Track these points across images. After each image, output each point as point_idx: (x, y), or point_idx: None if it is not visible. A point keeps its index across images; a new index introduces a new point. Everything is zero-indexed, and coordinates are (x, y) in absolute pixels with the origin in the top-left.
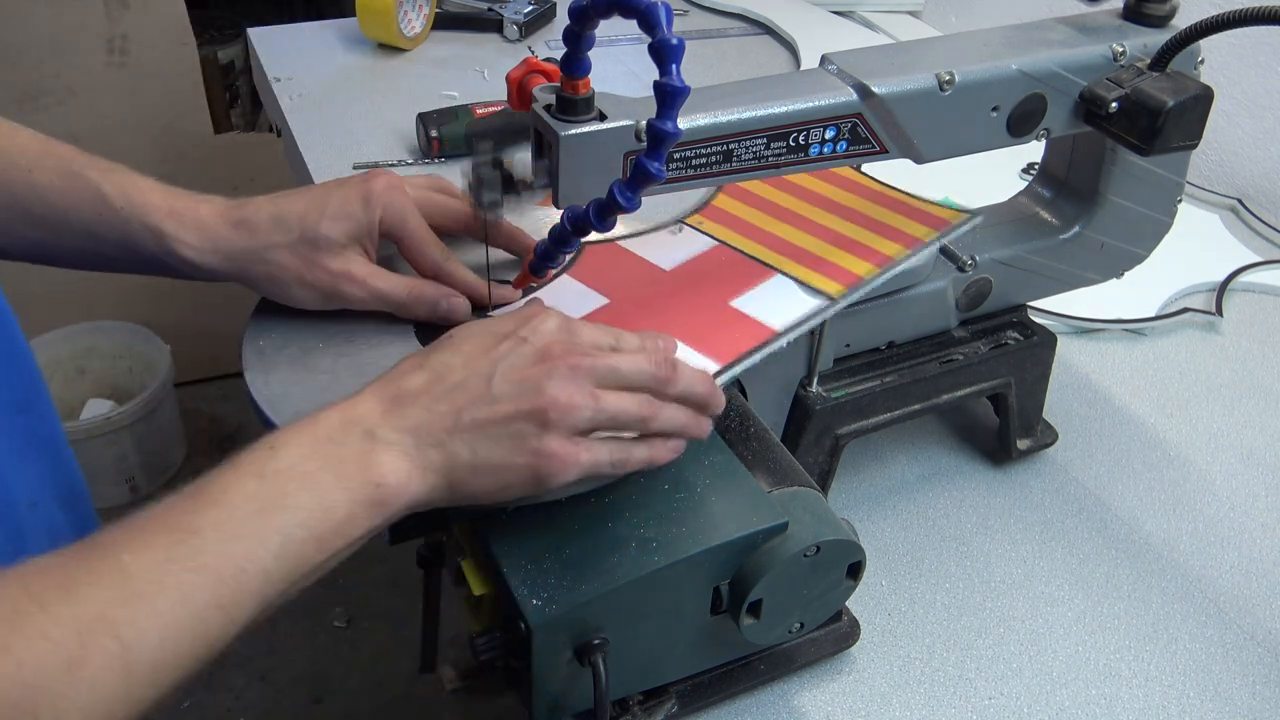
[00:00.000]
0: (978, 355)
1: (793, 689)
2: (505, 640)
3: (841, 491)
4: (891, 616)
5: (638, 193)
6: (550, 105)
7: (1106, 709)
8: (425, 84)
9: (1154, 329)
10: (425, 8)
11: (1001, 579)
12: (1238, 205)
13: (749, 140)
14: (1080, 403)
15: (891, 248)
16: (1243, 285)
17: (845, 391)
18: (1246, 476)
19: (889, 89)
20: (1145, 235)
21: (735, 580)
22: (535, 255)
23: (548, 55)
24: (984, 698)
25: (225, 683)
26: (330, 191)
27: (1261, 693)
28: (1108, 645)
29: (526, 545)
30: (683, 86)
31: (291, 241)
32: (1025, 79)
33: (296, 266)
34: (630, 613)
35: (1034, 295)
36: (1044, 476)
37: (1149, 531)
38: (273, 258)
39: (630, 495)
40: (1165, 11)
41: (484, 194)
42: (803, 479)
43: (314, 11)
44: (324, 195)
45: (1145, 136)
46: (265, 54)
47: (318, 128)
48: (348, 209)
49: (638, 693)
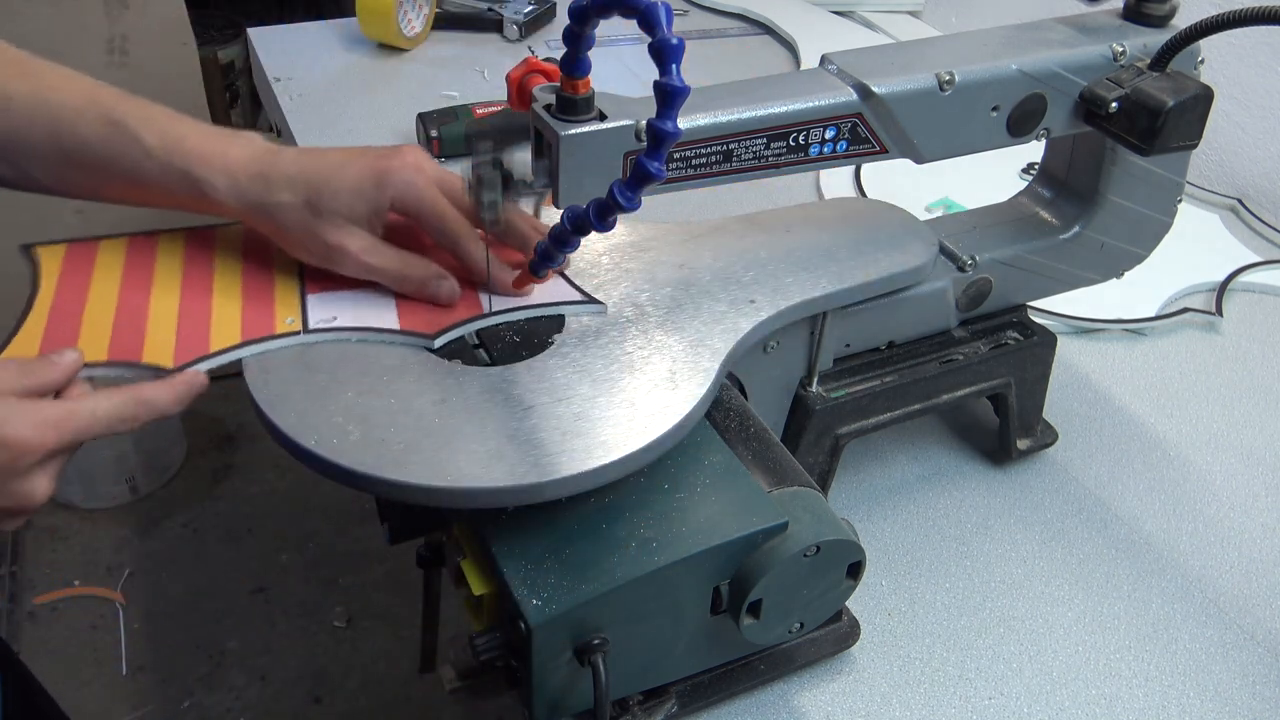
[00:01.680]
0: (978, 355)
1: (793, 689)
2: (505, 640)
3: (841, 491)
4: (891, 616)
5: (638, 193)
6: (550, 105)
7: (1106, 709)
8: (425, 84)
9: (1154, 329)
10: (425, 8)
11: (1001, 579)
12: (1238, 205)
13: (749, 140)
14: (1080, 403)
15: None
16: (1243, 285)
17: (845, 391)
18: (1246, 476)
19: (889, 89)
20: (1145, 235)
21: (735, 580)
22: (536, 255)
23: (548, 55)
24: (984, 698)
25: (225, 683)
26: (350, 162)
27: (1261, 693)
28: (1108, 645)
29: (526, 545)
30: (683, 86)
31: (298, 204)
32: (1025, 79)
33: (299, 228)
34: (630, 613)
35: (1034, 295)
36: (1044, 476)
37: (1149, 531)
38: (279, 215)
39: (630, 495)
40: (1165, 11)
41: (484, 194)
42: (803, 479)
43: (314, 11)
44: (343, 165)
45: (1145, 136)
46: (265, 54)
47: (318, 128)
48: (360, 186)
49: (638, 693)
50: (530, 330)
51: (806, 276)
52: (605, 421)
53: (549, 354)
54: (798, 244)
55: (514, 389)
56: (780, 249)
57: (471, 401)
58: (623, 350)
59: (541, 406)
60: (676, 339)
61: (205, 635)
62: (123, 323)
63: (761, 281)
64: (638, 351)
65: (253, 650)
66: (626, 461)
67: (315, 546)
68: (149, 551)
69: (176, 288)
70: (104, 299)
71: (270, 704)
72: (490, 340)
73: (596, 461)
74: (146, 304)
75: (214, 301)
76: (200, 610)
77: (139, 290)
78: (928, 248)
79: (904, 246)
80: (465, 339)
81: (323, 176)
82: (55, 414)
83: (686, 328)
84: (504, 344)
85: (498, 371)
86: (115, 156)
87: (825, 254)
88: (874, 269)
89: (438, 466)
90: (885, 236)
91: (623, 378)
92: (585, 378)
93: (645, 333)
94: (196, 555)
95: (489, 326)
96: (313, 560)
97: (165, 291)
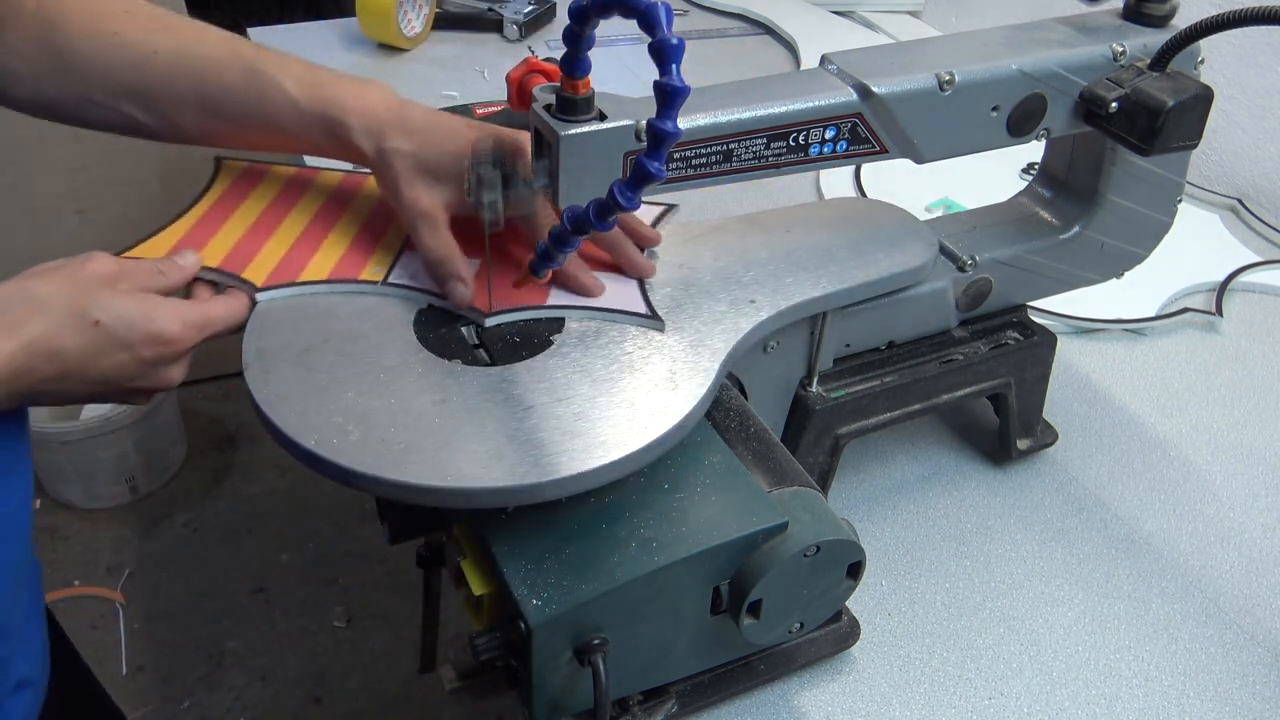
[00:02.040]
0: (978, 355)
1: (793, 689)
2: (505, 640)
3: (841, 491)
4: (891, 616)
5: (638, 192)
6: (550, 105)
7: (1106, 709)
8: (425, 84)
9: (1154, 329)
10: (425, 8)
11: (1001, 579)
12: (1238, 205)
13: (749, 140)
14: (1080, 403)
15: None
16: (1243, 285)
17: (845, 391)
18: (1246, 476)
19: (889, 89)
20: (1145, 235)
21: (735, 580)
22: (536, 255)
23: (548, 55)
24: (984, 698)
25: (225, 683)
26: (464, 130)
27: (1261, 693)
28: (1108, 645)
29: (526, 545)
30: (683, 86)
31: (409, 152)
32: (1025, 79)
33: (401, 174)
34: (630, 613)
35: (1034, 295)
36: (1044, 476)
37: (1149, 531)
38: (392, 160)
39: (630, 495)
40: (1165, 11)
41: (484, 194)
42: (803, 479)
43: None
44: (457, 130)
45: (1145, 136)
46: None
47: None
48: (463, 151)
49: (638, 693)
50: (530, 330)
51: (806, 276)
52: (605, 421)
53: (549, 354)
54: (798, 244)
55: (514, 389)
56: (780, 249)
57: (471, 401)
58: (623, 350)
59: (541, 406)
60: (676, 339)
61: (205, 635)
62: (245, 240)
63: (761, 281)
64: (638, 351)
65: (253, 650)
66: (626, 461)
67: (315, 546)
68: (149, 551)
69: (306, 220)
70: (246, 216)
71: (270, 704)
72: (490, 340)
73: (596, 461)
74: (274, 228)
75: (328, 239)
76: (200, 610)
77: (276, 214)
78: (928, 248)
79: (904, 246)
80: (466, 338)
81: (439, 133)
82: (195, 315)
83: (686, 328)
84: (504, 344)
85: (498, 371)
86: (258, 103)
87: (825, 254)
88: (874, 269)
89: (438, 466)
90: (885, 236)
91: (623, 378)
92: (585, 378)
93: (645, 333)
94: (196, 555)
95: (493, 327)
96: (313, 560)
97: (296, 220)
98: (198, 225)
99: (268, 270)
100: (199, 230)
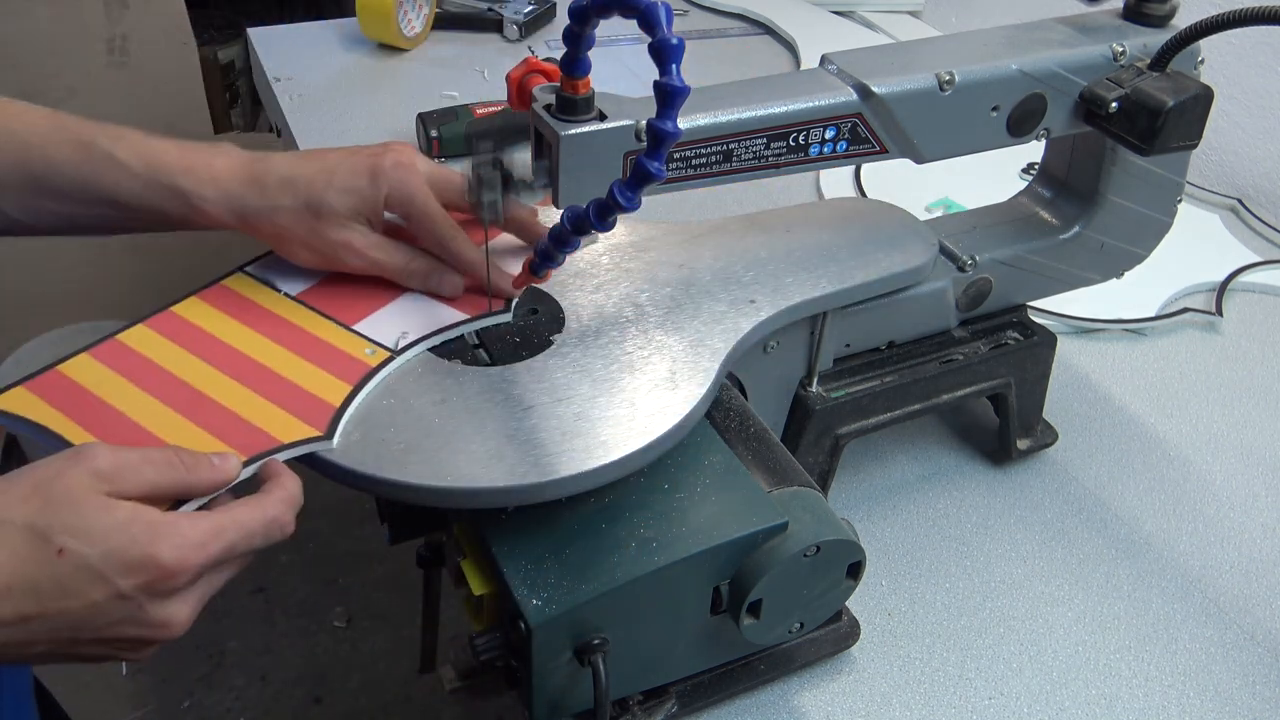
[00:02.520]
0: (978, 355)
1: (793, 689)
2: (505, 640)
3: (841, 491)
4: (891, 616)
5: (638, 193)
6: (550, 105)
7: (1106, 709)
8: (425, 84)
9: (1154, 329)
10: (425, 8)
11: (1001, 579)
12: (1238, 205)
13: (749, 140)
14: (1080, 403)
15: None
16: (1243, 285)
17: (845, 391)
18: (1246, 476)
19: (889, 89)
20: (1145, 235)
21: (735, 580)
22: (536, 255)
23: (548, 55)
24: (984, 698)
25: (225, 683)
26: (341, 161)
27: (1261, 693)
28: (1108, 645)
29: (526, 545)
30: (683, 86)
31: (297, 206)
32: (1025, 79)
33: (301, 230)
34: (630, 613)
35: (1034, 295)
36: (1044, 476)
37: (1149, 531)
38: (279, 219)
39: (630, 495)
40: (1165, 11)
41: (484, 194)
42: (803, 479)
43: (314, 11)
44: (335, 164)
45: (1145, 136)
46: (265, 54)
47: (318, 128)
48: (355, 183)
49: (638, 693)
50: (530, 330)
51: (806, 276)
52: (605, 421)
53: (549, 354)
54: (798, 244)
55: (514, 389)
56: (780, 249)
57: (471, 401)
58: (623, 350)
59: (541, 406)
60: (676, 339)
61: (205, 635)
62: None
63: (761, 281)
64: (638, 351)
65: (253, 650)
66: (626, 461)
67: (315, 546)
68: None
69: (232, 384)
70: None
71: (270, 704)
72: (490, 340)
73: (596, 461)
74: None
75: (288, 376)
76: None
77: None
78: (928, 248)
79: (904, 246)
80: (465, 338)
81: (319, 177)
82: (202, 531)
83: (686, 328)
84: (504, 344)
85: (498, 371)
86: (91, 178)
87: (825, 254)
88: (874, 269)
89: (438, 466)
90: (885, 236)
91: (623, 378)
92: (585, 378)
93: (645, 333)
94: None
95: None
96: (313, 560)
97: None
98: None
99: (297, 425)
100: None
